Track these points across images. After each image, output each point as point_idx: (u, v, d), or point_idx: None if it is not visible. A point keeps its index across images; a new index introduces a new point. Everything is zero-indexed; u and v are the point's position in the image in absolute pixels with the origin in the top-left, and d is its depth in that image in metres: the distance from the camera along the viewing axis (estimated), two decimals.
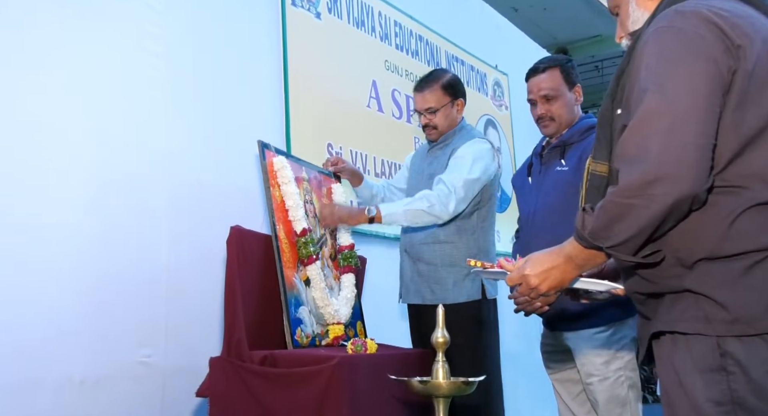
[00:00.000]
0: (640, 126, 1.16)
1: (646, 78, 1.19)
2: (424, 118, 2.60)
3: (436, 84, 2.58)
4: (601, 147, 1.38)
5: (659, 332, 1.25)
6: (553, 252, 1.33)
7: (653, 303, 1.27)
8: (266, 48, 2.93)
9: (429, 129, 2.60)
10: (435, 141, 2.62)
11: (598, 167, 1.38)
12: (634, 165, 1.15)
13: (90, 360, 2.11)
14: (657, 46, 1.21)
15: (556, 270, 1.32)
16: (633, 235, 1.16)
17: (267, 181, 2.26)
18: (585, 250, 1.27)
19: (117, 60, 2.33)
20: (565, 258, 1.31)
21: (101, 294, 2.16)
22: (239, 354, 2.03)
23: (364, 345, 2.15)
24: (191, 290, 2.42)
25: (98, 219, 2.19)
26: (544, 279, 1.33)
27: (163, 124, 2.45)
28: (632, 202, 1.14)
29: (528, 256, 1.38)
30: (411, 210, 2.38)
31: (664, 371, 1.25)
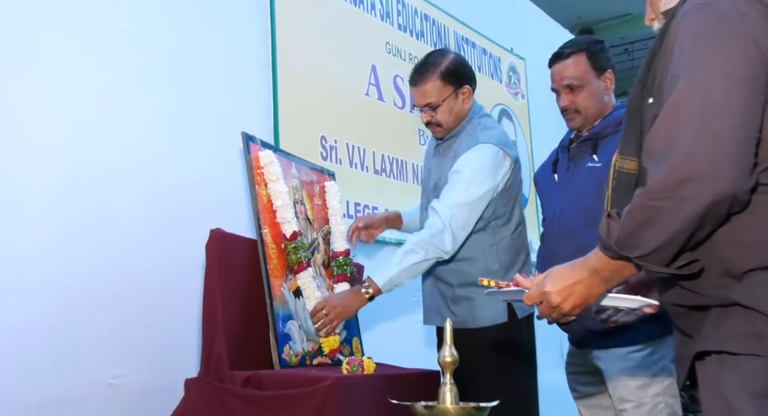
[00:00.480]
0: (669, 117, 1.16)
1: (678, 62, 1.19)
2: (424, 114, 2.50)
3: (434, 73, 2.46)
4: (629, 140, 1.37)
5: (704, 351, 1.24)
6: (576, 265, 1.32)
7: (696, 318, 1.26)
8: (252, 28, 2.94)
9: (433, 126, 2.52)
10: (442, 138, 2.56)
11: (626, 164, 1.38)
12: (662, 162, 1.14)
13: (50, 382, 2.11)
14: (691, 26, 1.20)
15: (581, 286, 1.31)
16: (664, 243, 1.15)
17: (252, 178, 2.26)
18: (612, 262, 1.26)
19: (83, 40, 2.33)
20: (590, 271, 1.29)
21: (63, 306, 2.16)
22: (219, 374, 2.03)
23: (360, 364, 2.15)
24: (165, 301, 2.42)
25: (60, 221, 2.19)
26: (567, 296, 1.32)
27: (134, 112, 2.45)
28: (662, 204, 1.13)
29: (548, 271, 1.36)
30: (406, 267, 2.35)
31: (709, 396, 1.24)
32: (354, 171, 3.35)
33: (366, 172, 3.43)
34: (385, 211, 2.82)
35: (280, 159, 2.39)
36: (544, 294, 1.34)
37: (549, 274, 1.35)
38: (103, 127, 2.36)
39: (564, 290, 1.32)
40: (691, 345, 1.28)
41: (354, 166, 3.35)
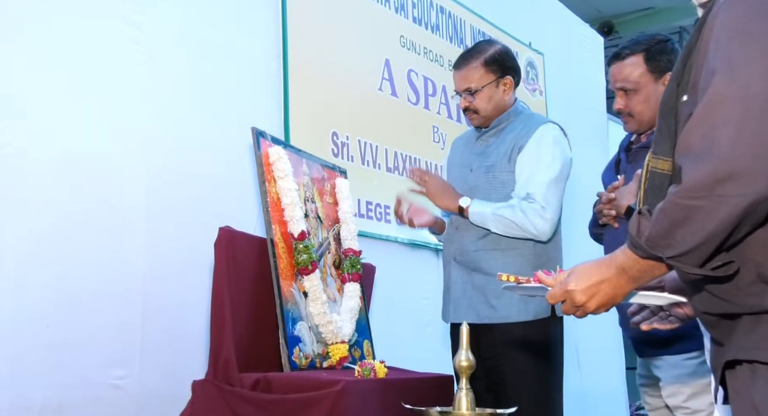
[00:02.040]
0: (706, 114, 1.14)
1: (714, 57, 1.17)
2: (463, 100, 2.58)
3: (478, 60, 2.55)
4: (663, 140, 1.35)
5: (735, 360, 1.22)
6: (602, 263, 1.31)
7: (727, 326, 1.24)
8: (263, 21, 2.94)
9: (469, 113, 2.58)
10: (480, 127, 2.60)
11: (660, 164, 1.35)
12: (700, 160, 1.13)
13: (51, 384, 2.11)
14: (729, 18, 1.19)
15: (607, 285, 1.29)
16: (700, 243, 1.14)
17: (262, 174, 2.26)
18: (641, 261, 1.24)
19: (91, 32, 2.34)
20: (617, 269, 1.28)
21: (65, 306, 2.17)
22: (227, 376, 2.03)
23: (372, 368, 2.15)
24: (172, 301, 2.43)
25: (62, 218, 2.20)
26: (592, 295, 1.30)
27: (142, 107, 2.45)
28: (699, 203, 1.12)
29: (572, 268, 1.35)
30: (500, 216, 2.42)
31: (740, 407, 1.22)
32: (366, 168, 3.34)
33: (378, 169, 3.42)
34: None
35: (291, 155, 2.39)
36: (567, 292, 1.32)
37: (573, 272, 1.34)
38: (110, 122, 2.36)
39: (589, 289, 1.30)
40: (722, 353, 1.26)
41: (366, 164, 3.35)
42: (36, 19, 2.21)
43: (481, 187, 2.53)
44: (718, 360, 1.27)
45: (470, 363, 1.80)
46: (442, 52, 3.93)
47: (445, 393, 2.18)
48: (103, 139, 2.35)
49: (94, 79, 2.35)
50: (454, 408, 1.76)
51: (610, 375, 4.91)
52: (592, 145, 5.14)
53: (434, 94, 3.82)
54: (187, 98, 2.61)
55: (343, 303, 2.48)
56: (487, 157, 2.56)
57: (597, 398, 4.52)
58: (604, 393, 4.75)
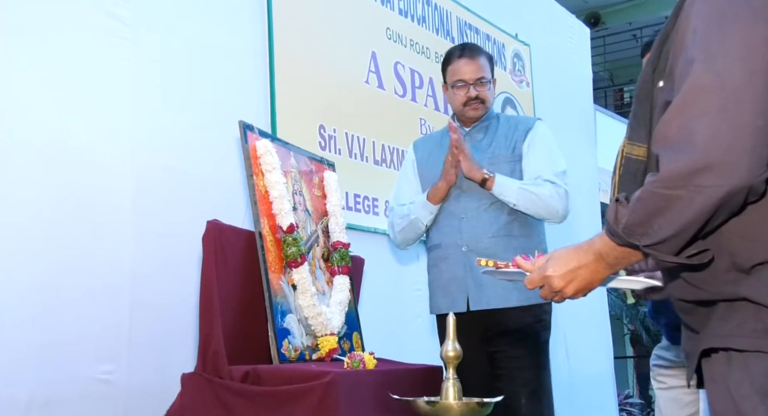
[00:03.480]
0: (684, 105, 1.15)
1: (692, 46, 1.18)
2: (473, 89, 2.62)
3: (484, 53, 2.70)
4: (638, 125, 1.35)
5: (711, 348, 1.24)
6: (580, 248, 1.32)
7: (702, 314, 1.26)
8: (249, 13, 2.93)
9: (476, 103, 2.63)
10: (473, 120, 2.66)
11: (635, 150, 1.36)
12: (678, 151, 1.14)
13: (39, 378, 2.11)
14: (707, 6, 1.19)
15: (585, 270, 1.31)
16: (676, 232, 1.15)
17: (249, 167, 2.27)
18: (618, 248, 1.26)
19: (73, 25, 2.33)
20: (595, 255, 1.29)
21: (52, 300, 2.16)
22: (217, 369, 2.03)
23: (362, 360, 2.16)
24: (160, 295, 2.43)
25: (49, 212, 2.20)
26: (570, 280, 1.32)
27: (128, 100, 2.45)
28: (676, 193, 1.13)
29: (551, 253, 1.37)
30: (526, 189, 2.50)
31: (716, 395, 1.23)
32: (353, 161, 3.35)
33: (366, 162, 3.43)
34: None
35: (279, 148, 2.40)
36: (546, 277, 1.34)
37: (552, 257, 1.35)
38: (96, 117, 2.36)
39: (567, 274, 1.32)
40: (698, 341, 1.27)
41: (353, 156, 3.36)
42: (19, 15, 2.20)
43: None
44: (694, 347, 1.29)
45: (457, 353, 1.81)
46: (428, 44, 3.94)
47: (434, 384, 2.19)
48: (90, 134, 2.34)
49: (79, 75, 2.34)
50: (442, 398, 1.77)
51: (598, 364, 4.94)
52: (579, 136, 5.16)
53: (421, 86, 3.83)
54: (174, 92, 2.60)
55: (333, 295, 2.49)
56: (483, 152, 2.60)
57: (585, 387, 4.55)
58: (592, 382, 4.78)
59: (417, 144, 2.82)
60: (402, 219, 2.65)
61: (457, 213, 2.57)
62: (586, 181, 5.14)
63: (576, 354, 4.50)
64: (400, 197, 2.74)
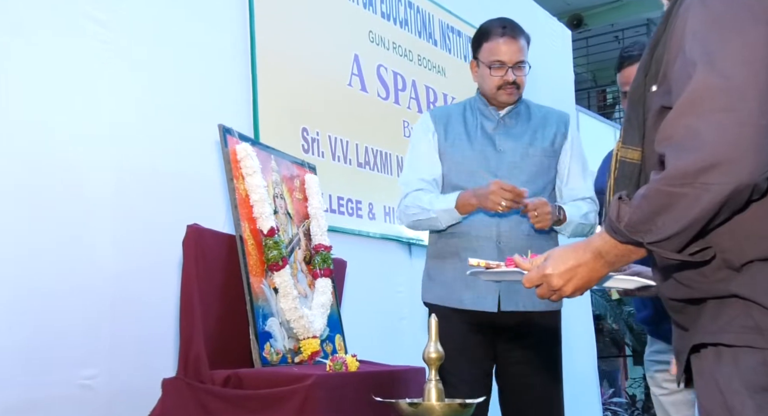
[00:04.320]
0: (689, 105, 1.16)
1: (693, 48, 1.19)
2: (511, 73, 2.44)
3: (524, 35, 2.50)
4: (632, 130, 1.37)
5: (700, 344, 1.25)
6: (578, 247, 1.34)
7: (693, 311, 1.27)
8: (230, 15, 2.92)
9: (512, 88, 2.46)
10: (505, 104, 2.50)
11: (629, 153, 1.38)
12: (684, 150, 1.15)
13: (19, 383, 2.09)
14: (704, 9, 1.20)
15: (583, 269, 1.32)
16: (682, 229, 1.16)
17: (229, 171, 2.26)
18: (618, 245, 1.27)
19: (55, 30, 2.31)
20: (594, 254, 1.31)
21: (32, 305, 2.14)
22: (198, 373, 2.03)
23: (344, 362, 2.15)
24: (141, 299, 2.41)
25: (28, 215, 2.18)
26: (569, 279, 1.33)
27: (108, 103, 2.43)
28: (682, 190, 1.14)
29: (549, 252, 1.38)
30: (582, 224, 2.45)
31: (705, 390, 1.25)
32: (337, 164, 3.34)
33: (349, 164, 3.42)
34: None
35: (259, 152, 2.39)
36: (545, 276, 1.34)
37: (550, 256, 1.36)
38: (77, 119, 2.34)
39: (566, 273, 1.32)
40: (688, 338, 1.29)
41: (337, 159, 3.35)
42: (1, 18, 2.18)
43: (526, 168, 2.45)
44: (684, 344, 1.30)
45: (439, 355, 1.80)
46: (411, 47, 3.93)
47: (417, 385, 2.18)
48: (70, 136, 2.32)
49: (59, 77, 2.32)
50: (424, 399, 1.77)
51: (582, 364, 4.95)
52: None
53: (404, 88, 3.83)
54: (155, 95, 2.59)
55: (315, 298, 2.48)
56: (517, 140, 2.47)
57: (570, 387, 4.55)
58: (576, 382, 4.79)
59: (436, 115, 2.58)
60: (420, 211, 2.44)
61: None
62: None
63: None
64: (418, 170, 2.50)
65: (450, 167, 2.48)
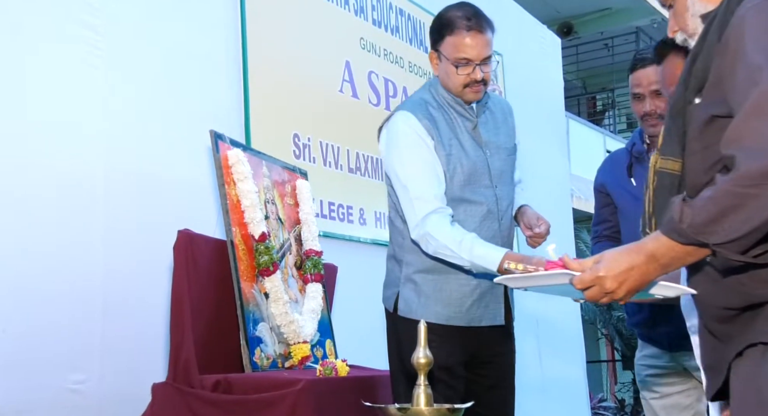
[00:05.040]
0: (758, 109, 1.17)
1: (756, 55, 1.20)
2: (479, 70, 2.16)
3: (490, 25, 2.22)
4: (672, 141, 1.38)
5: (749, 344, 1.26)
6: (631, 250, 1.31)
7: (745, 318, 1.28)
8: (222, 21, 2.92)
9: (480, 86, 2.20)
10: (471, 103, 2.25)
11: (669, 164, 1.38)
12: (755, 152, 1.16)
13: (10, 388, 2.08)
14: (764, 16, 1.22)
15: (636, 272, 1.29)
16: (750, 231, 1.16)
17: (221, 177, 2.25)
18: (676, 247, 1.25)
19: (47, 32, 2.31)
20: (647, 257, 1.28)
21: (23, 309, 2.14)
22: (188, 378, 2.02)
23: (334, 367, 2.15)
24: (131, 304, 2.40)
25: (20, 219, 2.17)
26: (623, 281, 1.30)
27: (100, 109, 2.43)
28: (753, 191, 1.14)
29: (601, 254, 1.34)
30: None
31: (740, 387, 1.25)
32: (328, 169, 3.34)
33: (340, 170, 3.42)
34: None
35: (250, 158, 2.38)
36: (599, 278, 1.31)
37: (603, 259, 1.32)
38: (69, 124, 2.34)
39: (620, 275, 1.29)
40: (729, 347, 1.28)
41: (328, 165, 3.35)
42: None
43: (508, 169, 2.29)
44: (722, 355, 1.30)
45: (428, 360, 1.80)
46: (401, 53, 3.94)
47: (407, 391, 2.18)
48: (62, 141, 2.32)
49: (52, 82, 2.32)
50: (413, 404, 1.76)
51: (571, 368, 4.96)
52: (551, 143, 5.19)
53: (395, 95, 3.83)
54: (147, 101, 2.59)
55: (305, 303, 2.47)
56: (495, 138, 2.29)
57: (558, 391, 4.56)
58: (565, 386, 4.80)
59: (421, 114, 2.21)
60: (452, 254, 2.09)
61: (496, 214, 2.21)
62: (558, 188, 5.16)
63: (548, 359, 4.51)
64: (434, 184, 2.16)
65: (450, 178, 2.20)
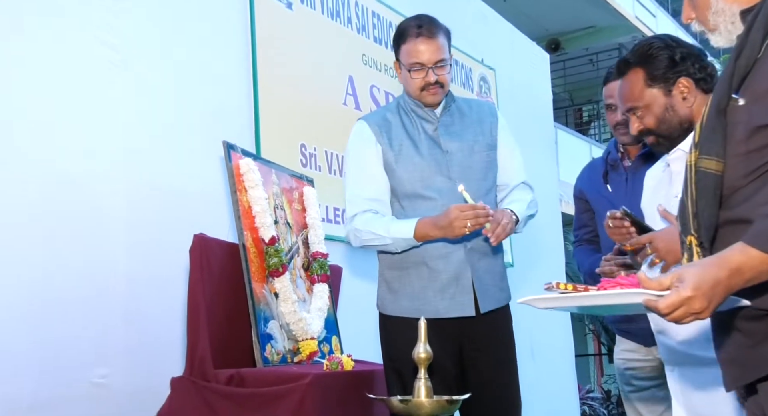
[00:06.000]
0: None
1: None
2: (432, 73, 2.17)
3: (442, 31, 2.21)
4: (715, 140, 1.27)
5: None
6: (713, 265, 1.17)
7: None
8: (233, 40, 2.92)
9: (436, 88, 2.19)
10: (434, 105, 2.24)
11: (712, 164, 1.27)
12: None
13: (39, 382, 2.08)
14: None
15: (721, 288, 1.16)
16: None
17: (233, 184, 2.25)
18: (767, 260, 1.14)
19: (69, 51, 2.32)
20: (731, 271, 1.15)
21: (51, 309, 2.14)
22: (203, 373, 2.02)
23: (340, 362, 2.15)
24: (151, 303, 2.40)
25: (47, 225, 2.17)
26: (711, 299, 1.15)
27: (120, 121, 2.43)
28: None
29: (678, 272, 1.18)
30: (529, 216, 2.28)
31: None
32: (333, 177, 3.34)
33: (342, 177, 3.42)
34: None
35: (260, 166, 2.38)
36: (688, 299, 1.15)
37: (686, 277, 1.16)
38: (88, 134, 2.34)
39: (708, 293, 1.15)
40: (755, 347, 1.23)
41: (333, 173, 3.34)
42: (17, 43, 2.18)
43: (475, 166, 2.24)
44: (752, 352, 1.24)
45: (428, 355, 1.80)
46: None
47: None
48: (85, 154, 2.32)
49: (75, 99, 2.32)
50: (414, 396, 1.76)
51: (561, 363, 4.95)
52: (541, 152, 5.19)
53: None
54: (165, 115, 2.59)
55: (312, 302, 2.47)
56: (458, 138, 2.24)
57: (550, 384, 4.55)
58: (556, 380, 4.79)
59: (373, 123, 2.27)
60: (374, 237, 2.18)
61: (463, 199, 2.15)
62: (548, 194, 5.15)
63: (541, 355, 4.51)
64: (367, 188, 2.23)
65: (401, 176, 2.20)
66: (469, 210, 2.06)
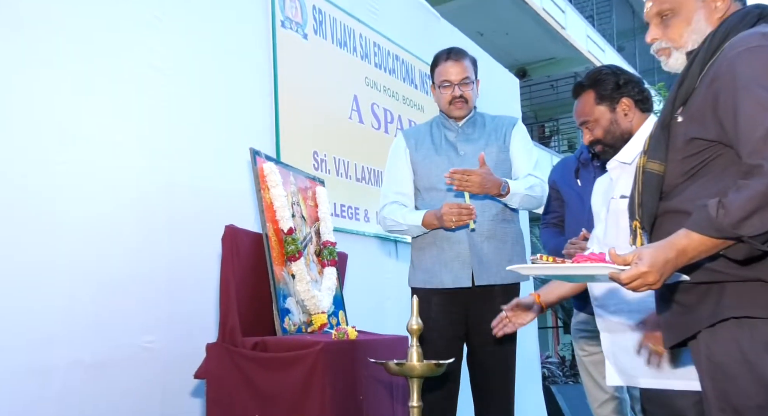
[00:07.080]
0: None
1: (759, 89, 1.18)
2: (457, 89, 2.29)
3: (468, 58, 2.36)
4: (658, 147, 1.33)
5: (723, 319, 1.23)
6: (663, 246, 1.20)
7: (713, 291, 1.25)
8: (259, 65, 2.91)
9: (461, 102, 2.30)
10: (460, 118, 2.35)
11: (655, 166, 1.33)
12: None
13: (98, 345, 2.08)
14: (755, 64, 1.20)
15: (670, 265, 1.20)
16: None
17: (258, 184, 2.24)
18: (708, 242, 1.18)
19: (125, 73, 2.31)
20: (678, 251, 1.19)
21: (108, 286, 2.13)
22: (233, 340, 2.01)
23: (346, 332, 2.14)
24: (190, 282, 2.39)
25: (106, 217, 2.16)
26: (662, 274, 1.19)
27: (165, 133, 2.42)
28: None
29: (638, 251, 1.22)
30: (528, 196, 2.23)
31: (724, 352, 1.23)
32: (340, 179, 3.33)
33: (349, 179, 3.41)
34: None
35: (280, 169, 2.37)
36: (644, 273, 1.19)
37: (642, 256, 1.20)
38: (140, 144, 2.33)
39: (660, 269, 1.19)
40: (690, 316, 1.27)
41: (340, 175, 3.33)
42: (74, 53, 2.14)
43: (492, 167, 2.25)
44: (688, 319, 1.28)
45: (419, 326, 1.80)
46: (397, 89, 3.93)
47: (402, 350, 2.18)
48: (137, 157, 2.31)
49: (132, 116, 2.31)
50: (408, 360, 1.76)
51: (526, 334, 4.95)
52: None
53: (392, 121, 3.82)
54: (200, 126, 2.58)
55: (323, 282, 2.46)
56: (475, 143, 2.31)
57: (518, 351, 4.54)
58: (522, 347, 4.77)
59: (407, 133, 2.45)
60: (395, 224, 2.33)
61: (464, 198, 2.22)
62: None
63: None
64: (395, 184, 2.37)
65: (421, 173, 2.34)
66: (455, 209, 2.15)
